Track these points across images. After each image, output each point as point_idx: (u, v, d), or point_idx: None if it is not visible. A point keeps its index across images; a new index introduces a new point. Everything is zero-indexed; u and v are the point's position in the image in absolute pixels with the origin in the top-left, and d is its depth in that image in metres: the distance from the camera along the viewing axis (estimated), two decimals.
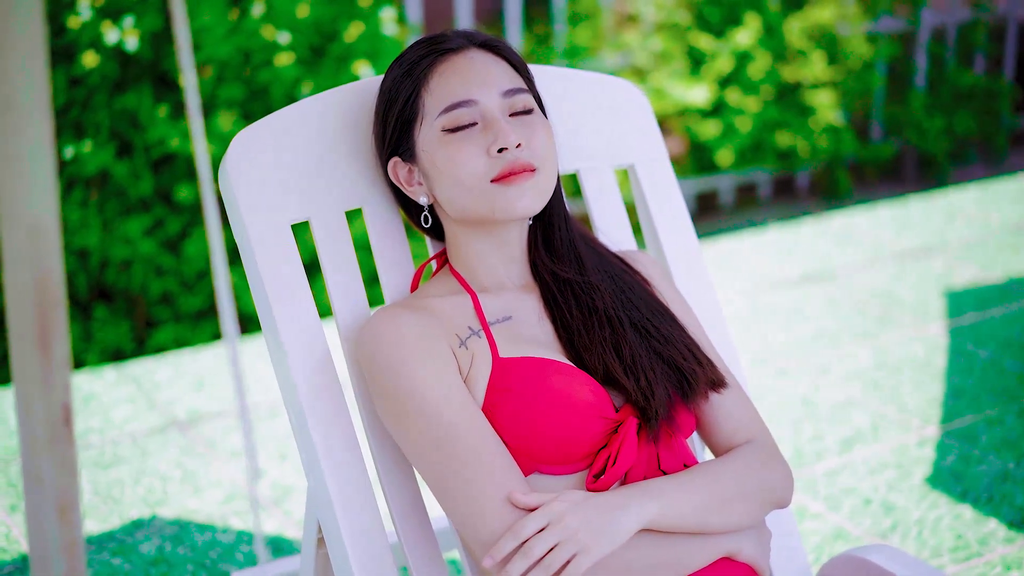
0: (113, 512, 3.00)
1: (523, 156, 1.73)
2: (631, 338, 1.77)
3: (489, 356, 1.72)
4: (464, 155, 1.73)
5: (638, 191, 2.13)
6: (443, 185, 1.76)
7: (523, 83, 1.80)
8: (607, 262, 1.87)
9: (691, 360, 1.79)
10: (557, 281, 1.82)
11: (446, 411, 1.65)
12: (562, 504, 1.61)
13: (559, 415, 1.68)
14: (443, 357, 1.69)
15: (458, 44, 1.79)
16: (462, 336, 1.73)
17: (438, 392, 1.66)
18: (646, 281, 1.89)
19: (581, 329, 1.77)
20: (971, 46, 7.10)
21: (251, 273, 1.84)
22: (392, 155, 1.83)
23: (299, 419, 1.81)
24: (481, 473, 1.62)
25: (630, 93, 2.14)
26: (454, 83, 1.75)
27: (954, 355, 3.83)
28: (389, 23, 4.53)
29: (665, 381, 1.74)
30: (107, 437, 3.34)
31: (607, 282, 1.83)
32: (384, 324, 1.72)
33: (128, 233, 4.32)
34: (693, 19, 6.15)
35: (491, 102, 1.75)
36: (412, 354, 1.68)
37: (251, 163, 1.86)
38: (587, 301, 1.80)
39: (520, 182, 1.72)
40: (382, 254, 1.92)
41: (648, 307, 1.83)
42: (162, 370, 3.75)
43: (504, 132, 1.72)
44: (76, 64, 4.21)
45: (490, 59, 1.79)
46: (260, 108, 4.38)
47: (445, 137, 1.74)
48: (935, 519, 2.97)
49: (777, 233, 4.98)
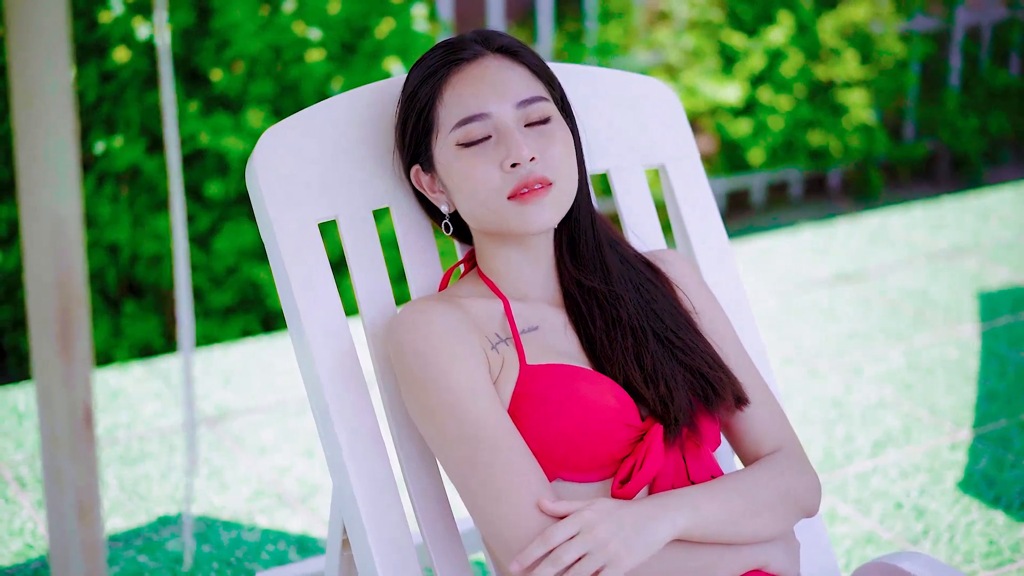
0: (140, 509, 3.00)
1: (538, 170, 1.70)
2: (653, 348, 1.75)
3: (517, 363, 1.71)
4: (479, 171, 1.71)
5: (668, 191, 2.11)
6: (461, 198, 1.75)
7: (541, 89, 1.77)
8: (634, 270, 1.84)
9: (716, 369, 1.77)
10: (582, 290, 1.80)
11: (474, 407, 1.64)
12: (594, 513, 1.59)
13: (585, 420, 1.66)
14: (475, 353, 1.67)
15: (472, 53, 1.76)
16: (492, 341, 1.72)
17: (467, 387, 1.64)
18: (672, 286, 1.87)
19: (604, 339, 1.75)
20: (1006, 45, 7.03)
21: (277, 270, 1.83)
22: (412, 163, 1.81)
23: (324, 417, 1.80)
24: (508, 474, 1.61)
25: (660, 92, 2.12)
26: (466, 96, 1.73)
27: (987, 357, 3.78)
28: (420, 19, 4.51)
29: (687, 389, 1.73)
30: (134, 432, 3.34)
31: (632, 292, 1.80)
32: (417, 314, 1.70)
33: (158, 228, 4.32)
34: (725, 17, 6.12)
35: (505, 114, 1.72)
36: (444, 345, 1.66)
37: (279, 161, 1.85)
38: (611, 312, 1.77)
39: (536, 199, 1.70)
40: (410, 253, 1.91)
41: (673, 318, 1.80)
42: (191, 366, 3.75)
43: (517, 146, 1.69)
44: (107, 59, 4.21)
45: (505, 66, 1.76)
46: (290, 104, 4.37)
47: (460, 151, 1.72)
48: (967, 524, 2.93)
49: (810, 233, 4.94)
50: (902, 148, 6.72)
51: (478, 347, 1.69)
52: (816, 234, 4.93)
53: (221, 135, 4.23)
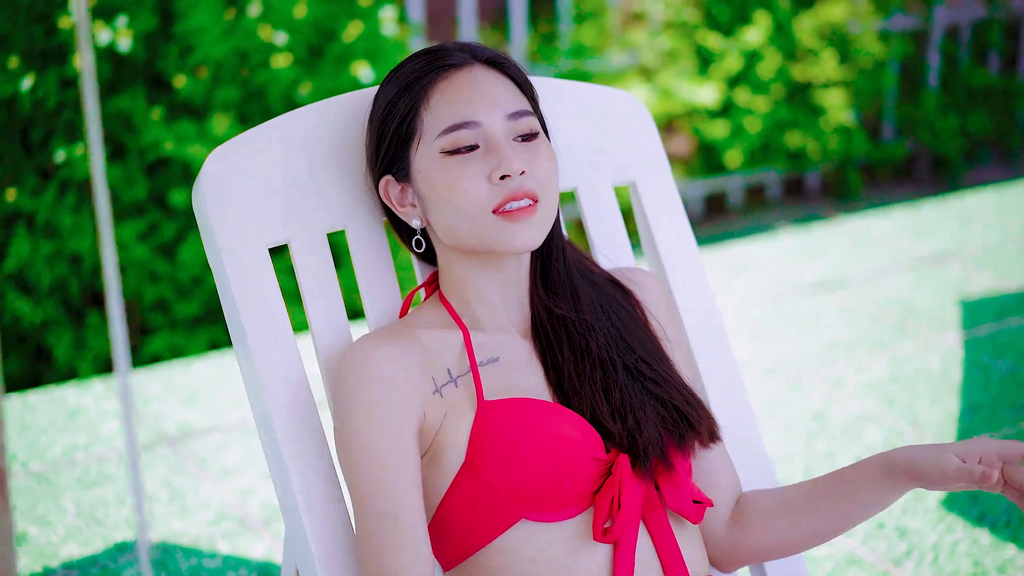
0: (96, 535, 2.89)
1: (526, 184, 1.61)
2: (622, 381, 1.66)
3: (473, 400, 1.61)
4: (465, 181, 1.61)
5: (639, 209, 2.01)
6: (440, 211, 1.64)
7: (528, 104, 1.68)
8: (604, 294, 1.76)
9: (693, 404, 1.68)
10: (551, 317, 1.70)
11: (376, 466, 1.57)
12: None
13: (550, 457, 1.57)
14: (404, 409, 1.59)
15: (461, 59, 1.67)
16: (439, 382, 1.62)
17: (378, 444, 1.57)
18: (643, 309, 1.78)
19: (572, 372, 1.66)
20: (985, 44, 6.97)
21: (225, 299, 1.72)
22: (385, 173, 1.71)
23: (275, 456, 1.69)
24: (395, 551, 1.55)
25: (631, 105, 2.02)
26: (456, 102, 1.63)
27: (970, 368, 3.70)
28: (389, 23, 4.41)
29: (657, 421, 1.64)
30: (93, 454, 3.22)
31: (602, 319, 1.71)
32: (359, 355, 1.62)
33: (121, 238, 4.21)
34: (701, 17, 6.03)
35: (495, 124, 1.63)
36: (371, 396, 1.59)
37: (227, 182, 1.74)
38: (580, 342, 1.68)
39: (524, 218, 1.61)
40: (366, 279, 1.80)
41: (643, 346, 1.72)
42: (153, 382, 3.64)
43: (508, 158, 1.60)
44: (68, 65, 4.10)
45: (494, 76, 1.67)
46: (257, 110, 4.26)
47: (444, 160, 1.62)
48: (951, 544, 2.85)
49: (790, 238, 4.85)
50: (881, 149, 6.66)
51: (414, 401, 1.60)
52: (797, 240, 4.84)
53: (185, 143, 4.12)
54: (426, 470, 1.62)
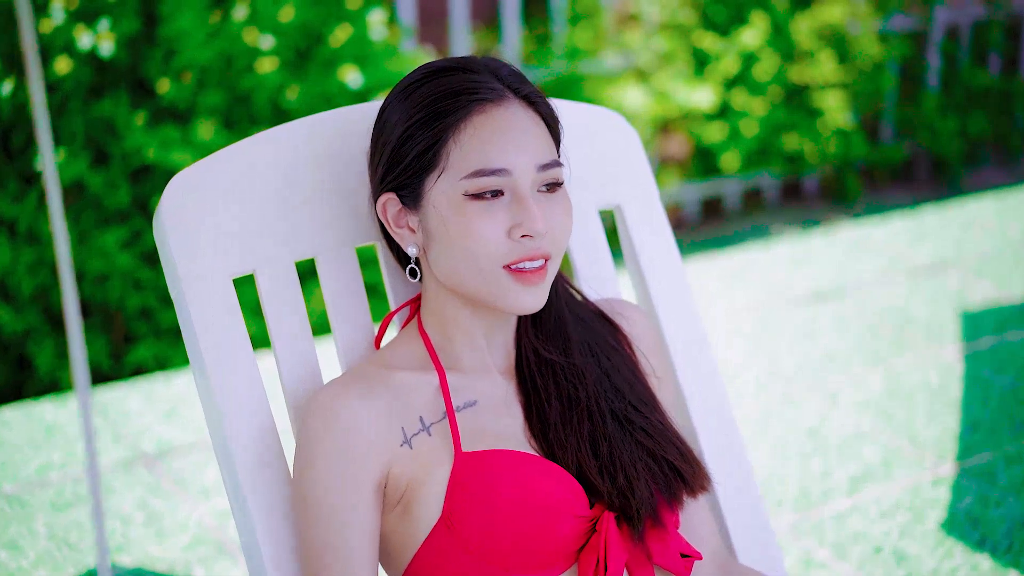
0: (68, 560, 2.80)
1: (544, 245, 1.52)
2: (611, 432, 1.57)
3: (450, 448, 1.52)
4: (485, 230, 1.51)
5: (625, 234, 1.93)
6: (447, 252, 1.54)
7: (556, 149, 1.59)
8: (593, 332, 1.67)
9: (687, 459, 1.60)
10: (539, 361, 1.61)
11: (324, 521, 1.51)
12: None
13: (531, 517, 1.48)
14: (363, 464, 1.51)
15: (497, 93, 1.55)
16: (409, 432, 1.53)
17: (331, 500, 1.50)
18: (631, 345, 1.69)
19: (558, 423, 1.57)
20: (985, 45, 6.88)
21: (187, 332, 1.64)
22: (391, 191, 1.59)
23: (238, 498, 1.61)
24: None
25: (617, 126, 1.93)
26: (490, 145, 1.52)
27: (970, 383, 3.61)
28: (378, 26, 4.32)
29: (647, 476, 1.55)
30: (68, 474, 3.14)
31: (591, 363, 1.63)
32: (322, 403, 1.53)
33: (104, 245, 4.13)
34: (698, 18, 5.94)
35: (524, 175, 1.53)
36: (328, 451, 1.51)
37: (190, 210, 1.66)
38: (568, 389, 1.59)
39: (535, 281, 1.52)
40: (336, 309, 1.72)
41: (633, 391, 1.63)
42: (132, 398, 3.55)
43: (532, 218, 1.50)
44: (49, 70, 4.01)
45: (528, 117, 1.56)
46: (243, 115, 4.17)
47: (466, 203, 1.52)
48: (951, 570, 2.76)
49: (787, 245, 4.76)
50: (880, 151, 6.57)
51: (375, 453, 1.52)
52: (793, 247, 4.75)
53: (169, 149, 4.04)
54: (399, 522, 1.54)
